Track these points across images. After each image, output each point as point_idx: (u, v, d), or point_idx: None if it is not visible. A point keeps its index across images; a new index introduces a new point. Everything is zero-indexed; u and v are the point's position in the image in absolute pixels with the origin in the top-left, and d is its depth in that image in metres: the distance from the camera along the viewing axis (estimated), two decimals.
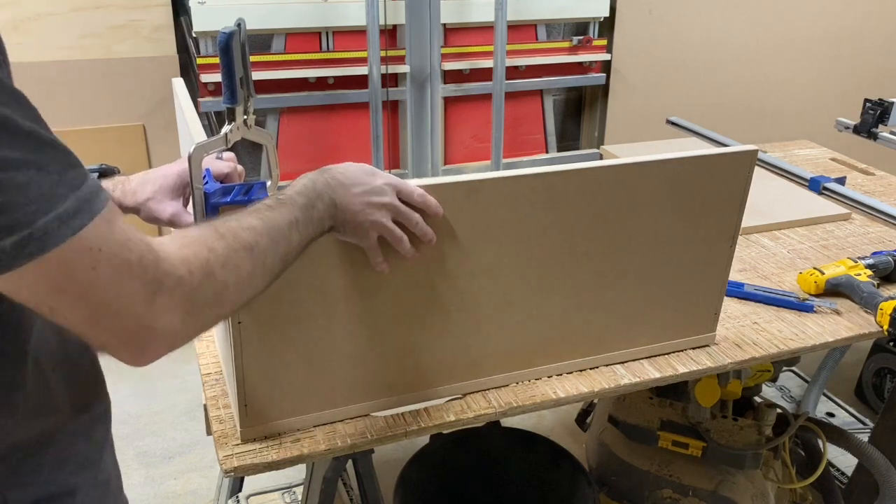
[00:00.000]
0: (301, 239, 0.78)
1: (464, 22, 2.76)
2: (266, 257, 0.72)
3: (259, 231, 0.71)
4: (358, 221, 0.85)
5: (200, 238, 0.67)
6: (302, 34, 2.58)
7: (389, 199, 0.87)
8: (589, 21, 2.97)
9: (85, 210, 0.57)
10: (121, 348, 0.64)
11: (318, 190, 0.81)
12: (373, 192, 0.86)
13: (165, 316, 0.62)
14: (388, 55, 2.60)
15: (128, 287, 0.60)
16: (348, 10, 2.56)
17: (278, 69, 2.54)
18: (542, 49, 2.92)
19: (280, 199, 0.77)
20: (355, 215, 0.85)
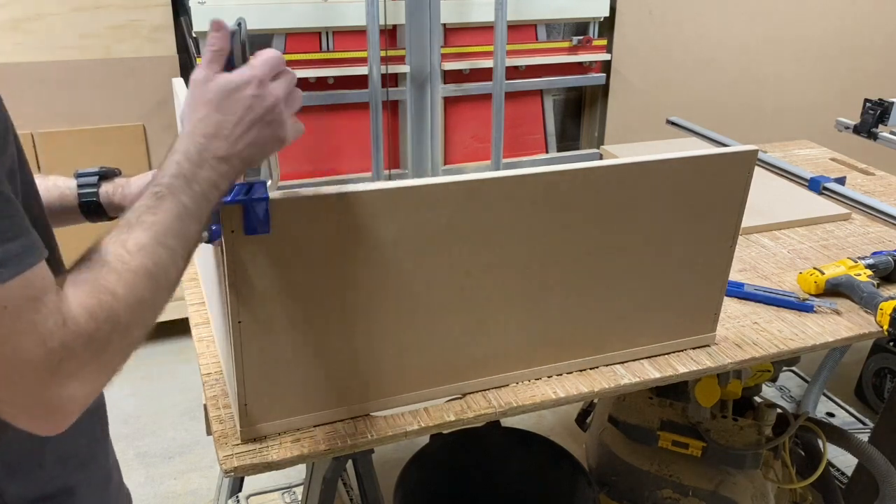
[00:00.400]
0: (200, 221, 0.71)
1: (464, 22, 2.76)
2: (167, 270, 0.66)
3: (150, 247, 0.65)
4: (255, 155, 0.75)
5: (99, 281, 0.60)
6: (302, 34, 2.58)
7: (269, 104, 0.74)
8: (589, 21, 2.97)
9: (9, 265, 0.54)
10: (24, 418, 0.58)
11: (194, 160, 0.71)
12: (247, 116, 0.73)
13: (72, 384, 0.57)
14: (388, 55, 2.60)
15: (31, 352, 0.55)
16: (348, 10, 2.56)
17: None
18: (542, 49, 2.92)
19: (157, 194, 0.68)
20: (249, 151, 0.74)
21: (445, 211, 0.94)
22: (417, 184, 0.92)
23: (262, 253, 0.87)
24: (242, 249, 0.86)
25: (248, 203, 0.83)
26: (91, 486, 0.82)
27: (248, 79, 0.74)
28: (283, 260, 0.89)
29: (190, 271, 1.40)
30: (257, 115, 0.74)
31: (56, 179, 0.93)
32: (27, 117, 2.29)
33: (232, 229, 0.84)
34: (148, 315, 0.65)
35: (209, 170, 0.71)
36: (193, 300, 1.30)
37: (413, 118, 2.77)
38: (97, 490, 0.83)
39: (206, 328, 1.22)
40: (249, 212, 0.84)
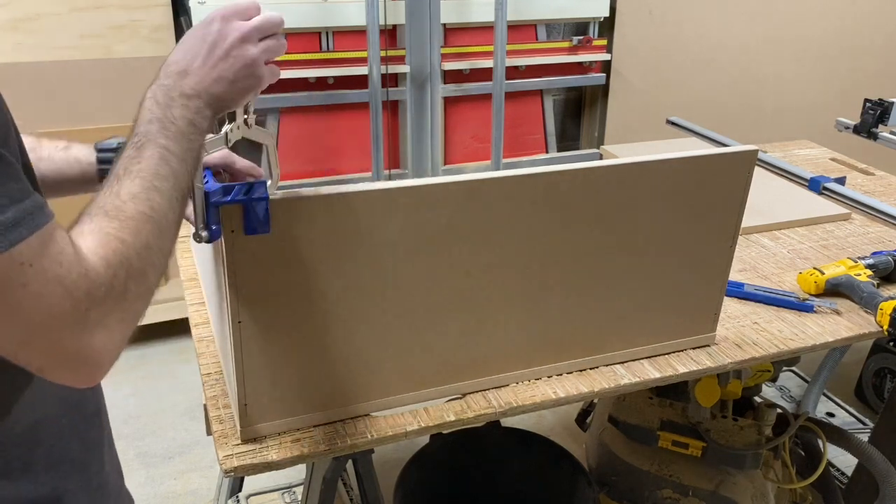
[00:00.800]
0: (184, 160, 0.70)
1: (464, 22, 2.76)
2: (164, 212, 0.67)
3: (143, 194, 0.65)
4: (227, 91, 0.75)
5: (105, 230, 0.62)
6: (302, 34, 2.58)
7: (235, 37, 0.75)
8: (589, 21, 2.97)
9: (25, 223, 0.55)
10: (60, 370, 0.60)
11: (162, 102, 0.71)
12: (214, 51, 0.74)
13: (100, 332, 0.59)
14: (388, 55, 2.60)
15: (60, 305, 0.56)
16: (348, 10, 2.56)
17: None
18: (542, 49, 2.92)
19: (137, 143, 0.68)
20: (219, 87, 0.74)
21: (445, 211, 0.94)
22: (417, 184, 0.92)
23: (262, 253, 0.87)
24: (242, 249, 0.86)
25: (248, 203, 0.83)
26: (83, 493, 0.81)
27: (214, 16, 0.75)
28: (283, 260, 0.89)
29: (190, 271, 1.40)
30: (222, 50, 0.74)
31: (77, 152, 0.93)
32: (27, 117, 2.28)
33: (232, 229, 0.84)
34: (157, 258, 0.66)
35: (180, 108, 0.71)
36: (193, 300, 1.30)
37: (413, 118, 2.77)
38: (90, 497, 0.82)
39: (206, 328, 1.22)
40: (249, 212, 0.84)
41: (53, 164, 0.91)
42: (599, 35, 2.99)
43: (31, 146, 0.88)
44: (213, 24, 0.74)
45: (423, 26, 2.63)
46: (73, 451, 0.80)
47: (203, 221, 0.82)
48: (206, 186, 0.81)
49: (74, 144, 0.93)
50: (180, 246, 1.49)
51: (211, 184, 0.82)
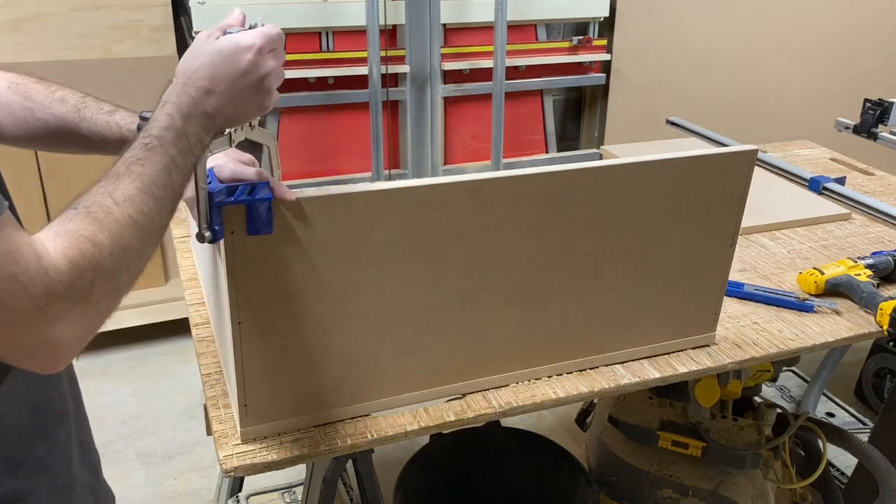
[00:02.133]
0: (184, 173, 0.73)
1: (464, 22, 2.76)
2: (153, 218, 0.68)
3: (138, 198, 0.67)
4: (238, 117, 0.78)
5: (80, 232, 0.63)
6: (302, 34, 2.58)
7: (264, 72, 0.77)
8: (589, 21, 2.97)
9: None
10: (23, 360, 0.63)
11: (186, 113, 0.73)
12: (242, 79, 0.76)
13: (60, 325, 0.61)
14: (388, 55, 2.60)
15: (16, 300, 0.58)
16: (348, 10, 2.56)
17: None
18: (542, 49, 2.92)
19: (148, 145, 0.70)
20: (234, 112, 0.77)
21: (445, 211, 0.94)
22: (417, 184, 0.92)
23: (264, 253, 0.87)
24: (244, 249, 0.86)
25: (252, 203, 0.83)
26: (48, 493, 0.81)
27: (250, 44, 0.76)
28: (284, 260, 0.89)
29: (190, 271, 1.40)
30: (251, 81, 0.76)
31: (120, 118, 0.95)
32: None
33: (232, 230, 0.84)
34: (134, 262, 0.67)
35: (197, 125, 0.73)
36: (193, 300, 1.30)
37: (413, 118, 2.77)
38: (56, 497, 0.82)
39: (206, 328, 1.22)
40: (252, 212, 0.84)
41: (95, 127, 0.94)
42: (599, 35, 2.99)
43: (76, 105, 0.94)
44: (247, 52, 0.76)
45: (423, 26, 2.63)
46: (37, 451, 0.80)
47: (206, 222, 0.82)
48: (209, 187, 0.81)
49: (120, 110, 0.96)
50: (180, 246, 1.50)
51: (214, 184, 0.82)
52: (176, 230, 1.56)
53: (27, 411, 0.78)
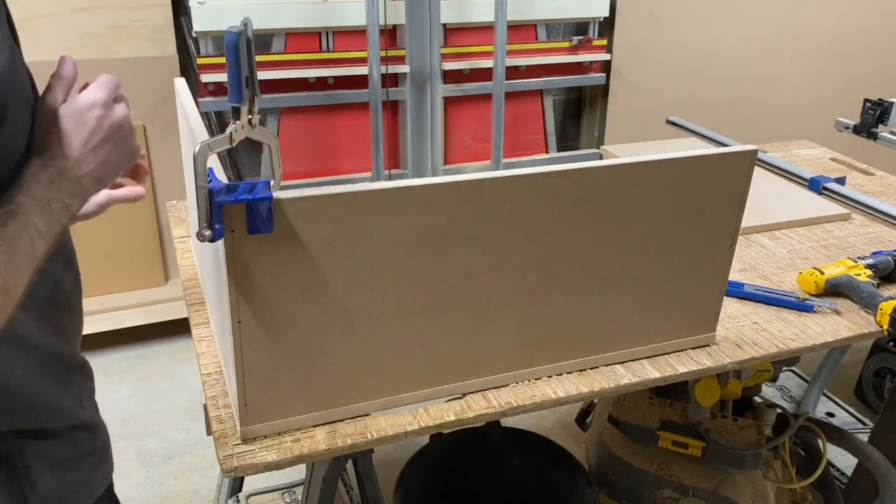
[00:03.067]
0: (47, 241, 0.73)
1: (464, 22, 2.76)
2: (14, 285, 0.68)
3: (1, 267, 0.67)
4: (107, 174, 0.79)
5: None
6: (302, 34, 2.58)
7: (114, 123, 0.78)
8: (589, 21, 2.97)
9: None
10: None
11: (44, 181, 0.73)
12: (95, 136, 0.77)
13: None
14: (388, 55, 2.60)
15: None
16: (348, 10, 2.56)
17: (278, 69, 2.55)
18: (542, 49, 2.92)
19: (10, 212, 0.69)
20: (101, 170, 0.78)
21: (445, 211, 0.94)
22: (417, 184, 0.92)
23: (264, 252, 0.87)
24: (244, 249, 0.86)
25: (252, 202, 0.83)
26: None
27: (93, 101, 0.77)
28: (284, 259, 0.89)
29: (190, 271, 1.40)
30: (106, 135, 0.77)
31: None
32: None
33: (232, 229, 0.84)
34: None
35: (59, 191, 0.74)
36: (193, 300, 1.30)
37: (413, 118, 2.77)
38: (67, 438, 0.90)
39: (206, 328, 1.22)
40: (253, 211, 0.84)
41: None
42: (599, 35, 2.99)
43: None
44: (93, 110, 0.77)
45: (423, 26, 2.63)
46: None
47: (206, 221, 0.82)
48: (210, 185, 0.81)
49: None
50: (180, 246, 1.50)
51: (215, 183, 0.82)
52: (176, 230, 1.56)
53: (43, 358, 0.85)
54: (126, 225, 2.60)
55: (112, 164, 0.78)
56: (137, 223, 2.62)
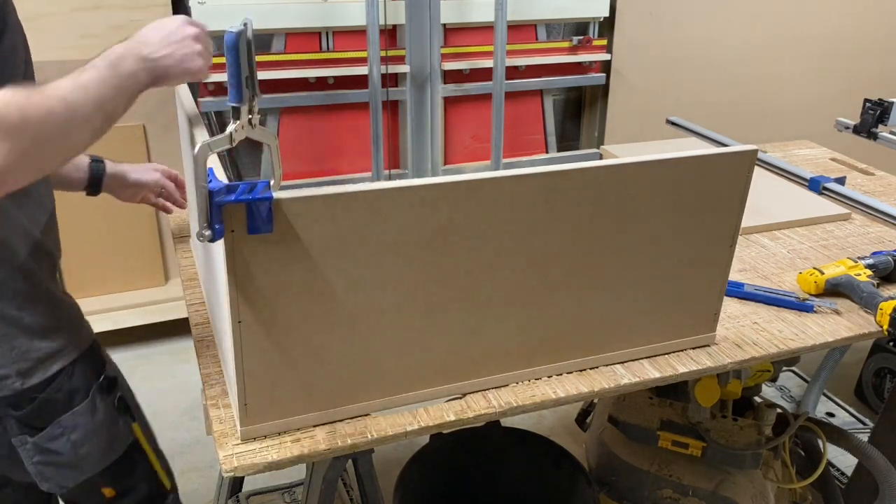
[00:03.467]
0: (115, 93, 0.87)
1: (464, 22, 2.76)
2: (78, 104, 0.83)
3: (68, 88, 0.83)
4: (170, 68, 0.93)
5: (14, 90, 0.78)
6: (302, 34, 2.58)
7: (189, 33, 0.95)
8: (589, 21, 2.97)
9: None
10: None
11: (120, 53, 0.90)
12: (171, 35, 0.95)
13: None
14: (388, 55, 2.60)
15: None
16: (348, 10, 2.56)
17: (278, 69, 2.55)
18: (542, 49, 2.92)
19: (86, 67, 0.87)
20: (165, 62, 0.93)
21: (445, 211, 0.94)
22: (417, 184, 0.92)
23: (264, 252, 0.87)
24: (244, 249, 0.86)
25: (252, 202, 0.83)
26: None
27: (175, 18, 0.97)
28: (284, 259, 0.89)
29: (190, 271, 1.40)
30: (178, 37, 0.94)
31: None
32: None
33: (232, 229, 0.84)
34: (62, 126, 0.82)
35: (132, 62, 0.90)
36: (193, 300, 1.30)
37: (413, 118, 2.77)
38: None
39: (206, 328, 1.22)
40: (253, 211, 0.84)
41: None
42: (599, 35, 2.99)
43: None
44: (175, 20, 0.97)
45: (423, 26, 2.63)
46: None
47: (206, 220, 0.82)
48: (209, 185, 0.81)
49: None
50: (180, 246, 1.50)
51: (215, 182, 0.82)
52: (176, 230, 1.56)
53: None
54: (126, 225, 2.59)
55: (177, 61, 0.93)
56: (137, 223, 2.62)
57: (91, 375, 1.09)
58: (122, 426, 1.14)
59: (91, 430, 1.08)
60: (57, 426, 1.05)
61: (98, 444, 1.09)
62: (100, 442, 1.10)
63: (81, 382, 1.07)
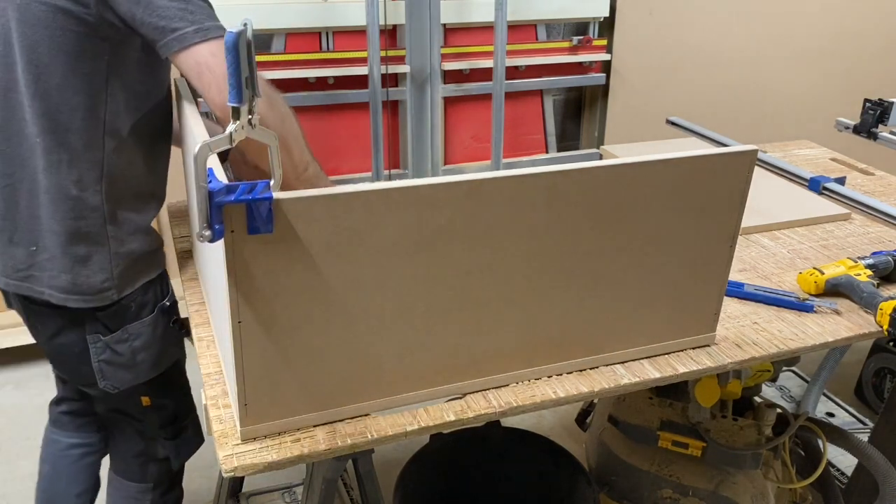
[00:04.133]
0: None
1: (464, 22, 2.76)
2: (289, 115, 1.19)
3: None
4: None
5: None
6: (302, 34, 2.58)
7: None
8: (589, 21, 2.97)
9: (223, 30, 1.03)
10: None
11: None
12: None
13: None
14: (388, 55, 2.60)
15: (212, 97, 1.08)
16: (348, 10, 2.56)
17: (278, 69, 2.55)
18: (542, 49, 2.92)
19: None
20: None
21: (445, 211, 0.94)
22: (417, 184, 0.92)
23: (264, 252, 0.87)
24: (244, 249, 0.86)
25: (252, 202, 0.83)
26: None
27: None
28: (284, 259, 0.89)
29: (190, 271, 1.40)
30: None
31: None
32: None
33: (232, 229, 0.84)
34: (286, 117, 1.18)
35: None
36: (193, 300, 1.30)
37: (413, 118, 2.77)
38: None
39: (206, 328, 1.22)
40: (253, 211, 0.84)
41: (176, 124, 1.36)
42: (599, 35, 2.99)
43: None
44: None
45: (423, 26, 2.63)
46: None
47: (206, 221, 0.82)
48: (209, 186, 0.81)
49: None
50: (180, 246, 1.50)
51: (215, 183, 0.82)
52: (176, 230, 1.56)
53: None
54: None
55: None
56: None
57: (159, 295, 1.32)
58: (173, 346, 1.37)
59: (150, 341, 1.30)
60: (125, 332, 1.27)
61: (152, 355, 1.32)
62: (154, 354, 1.32)
63: (151, 299, 1.30)
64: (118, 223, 1.21)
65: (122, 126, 1.18)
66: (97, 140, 1.16)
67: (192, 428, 1.50)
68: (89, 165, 1.16)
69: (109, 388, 1.32)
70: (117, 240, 1.22)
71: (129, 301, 1.26)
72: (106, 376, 1.31)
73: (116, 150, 1.18)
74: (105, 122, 1.16)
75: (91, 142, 1.15)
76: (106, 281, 1.22)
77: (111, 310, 1.25)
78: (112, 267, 1.22)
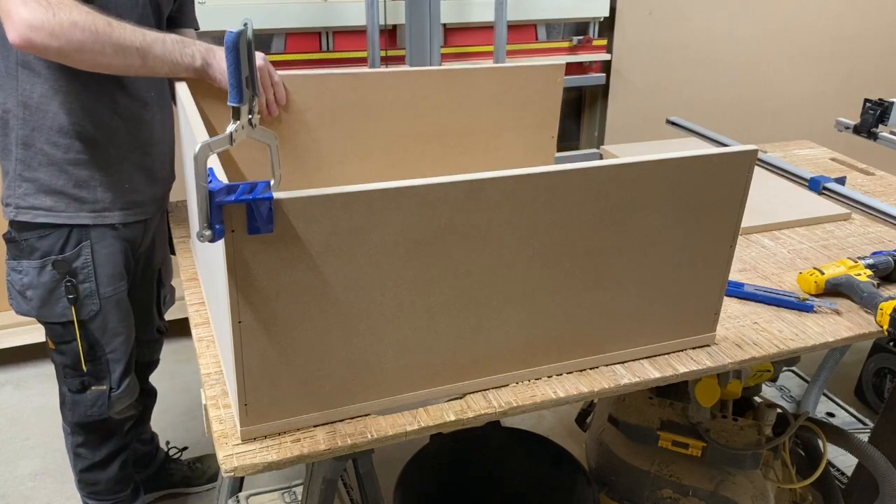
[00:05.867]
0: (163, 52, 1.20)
1: (464, 22, 2.76)
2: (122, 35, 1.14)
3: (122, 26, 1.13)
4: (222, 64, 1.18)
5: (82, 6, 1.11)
6: (302, 34, 2.58)
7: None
8: (589, 21, 2.97)
9: None
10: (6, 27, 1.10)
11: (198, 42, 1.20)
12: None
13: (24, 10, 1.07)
14: (388, 55, 2.60)
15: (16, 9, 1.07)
16: (348, 10, 2.56)
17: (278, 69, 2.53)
18: (542, 49, 2.92)
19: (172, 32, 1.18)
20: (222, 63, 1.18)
21: (445, 211, 0.94)
22: (417, 184, 0.92)
23: (264, 252, 0.87)
24: (245, 249, 0.86)
25: (252, 202, 0.83)
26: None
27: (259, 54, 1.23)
28: (284, 259, 0.89)
29: (190, 271, 1.40)
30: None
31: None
32: None
33: (232, 229, 0.84)
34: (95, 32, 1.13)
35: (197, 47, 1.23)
36: (193, 300, 1.30)
37: None
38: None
39: (206, 328, 1.22)
40: (253, 211, 0.84)
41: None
42: (599, 35, 2.99)
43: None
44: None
45: (423, 26, 2.62)
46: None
47: (206, 221, 0.82)
48: (209, 186, 0.81)
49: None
50: (180, 246, 1.50)
51: (215, 183, 0.82)
52: (176, 230, 1.56)
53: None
54: None
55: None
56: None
57: (56, 251, 1.37)
58: (61, 303, 1.40)
59: (34, 283, 1.38)
60: (19, 263, 1.38)
61: (38, 297, 1.40)
62: (39, 297, 1.39)
63: (43, 247, 1.37)
64: (31, 149, 1.31)
65: (34, 61, 1.26)
66: (12, 70, 1.27)
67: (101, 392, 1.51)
68: (9, 91, 1.29)
69: (14, 306, 1.43)
70: (24, 163, 1.32)
71: (23, 239, 1.37)
72: (11, 295, 1.43)
73: (30, 82, 1.27)
74: (17, 54, 1.25)
75: (8, 71, 1.28)
76: (8, 198, 1.35)
77: (11, 236, 1.38)
78: (15, 186, 1.34)
